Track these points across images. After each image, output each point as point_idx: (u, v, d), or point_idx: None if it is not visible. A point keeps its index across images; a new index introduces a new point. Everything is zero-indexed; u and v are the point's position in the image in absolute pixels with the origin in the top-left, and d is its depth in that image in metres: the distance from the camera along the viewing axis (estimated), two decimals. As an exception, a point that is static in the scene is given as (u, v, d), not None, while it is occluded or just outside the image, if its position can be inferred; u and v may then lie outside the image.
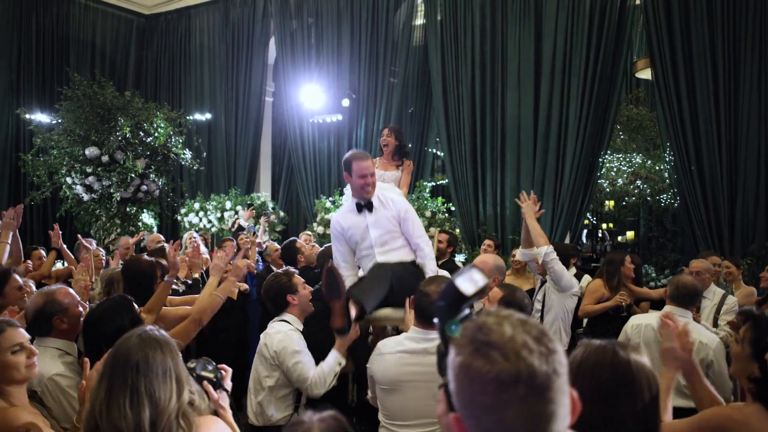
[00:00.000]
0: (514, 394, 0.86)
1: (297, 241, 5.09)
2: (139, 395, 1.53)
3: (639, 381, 1.44)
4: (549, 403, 0.88)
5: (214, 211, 8.80)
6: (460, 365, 0.91)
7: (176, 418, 1.56)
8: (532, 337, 0.90)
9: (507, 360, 0.87)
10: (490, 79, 7.26)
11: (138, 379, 1.54)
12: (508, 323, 0.91)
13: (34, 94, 9.44)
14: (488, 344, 0.89)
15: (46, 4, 9.70)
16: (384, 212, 3.42)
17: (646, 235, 9.84)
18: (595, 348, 1.52)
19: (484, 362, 0.88)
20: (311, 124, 8.93)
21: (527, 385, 0.86)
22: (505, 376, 0.86)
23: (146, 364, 1.56)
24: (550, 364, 0.88)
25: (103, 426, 1.51)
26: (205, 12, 10.37)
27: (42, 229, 9.56)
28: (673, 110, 6.16)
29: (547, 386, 0.87)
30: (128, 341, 1.62)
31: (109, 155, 7.34)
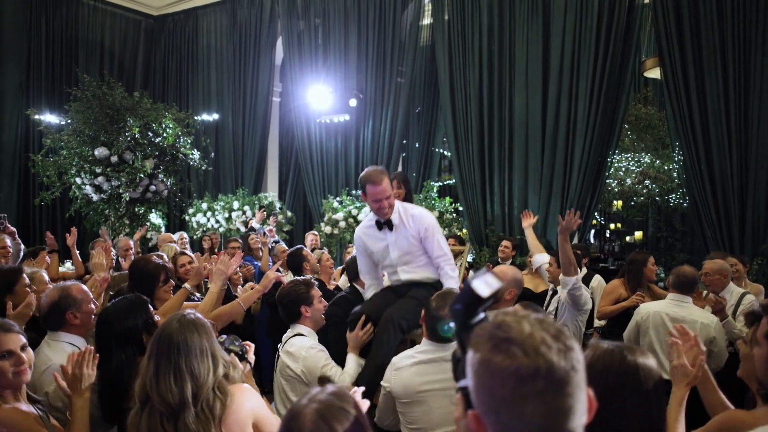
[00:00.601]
0: (533, 389, 0.88)
1: (303, 249, 5.05)
2: (182, 372, 1.81)
3: (646, 384, 1.45)
4: (567, 398, 0.89)
5: (222, 211, 8.83)
6: (480, 361, 0.92)
7: (213, 390, 1.83)
8: (550, 335, 0.91)
9: (526, 355, 0.88)
10: (498, 78, 7.24)
11: (180, 358, 1.82)
12: (527, 321, 0.93)
13: (44, 95, 9.51)
14: (508, 340, 0.91)
15: (55, 6, 9.76)
16: (404, 231, 3.33)
17: (655, 236, 9.79)
18: (604, 351, 1.53)
19: (504, 357, 0.89)
20: (318, 124, 8.94)
21: (546, 380, 0.88)
22: (524, 371, 0.88)
23: (186, 345, 1.84)
24: (568, 360, 0.90)
25: (154, 398, 1.80)
26: (212, 13, 10.41)
27: (51, 229, 9.63)
28: (683, 109, 6.12)
29: (565, 381, 0.89)
30: (170, 326, 1.89)
31: (118, 155, 7.38)
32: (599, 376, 1.47)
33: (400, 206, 3.39)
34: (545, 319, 0.96)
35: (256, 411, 1.94)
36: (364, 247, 3.50)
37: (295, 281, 3.18)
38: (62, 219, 9.34)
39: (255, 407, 1.95)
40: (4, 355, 2.03)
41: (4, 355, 2.03)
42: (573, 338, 0.95)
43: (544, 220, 6.92)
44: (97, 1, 10.26)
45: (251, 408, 1.92)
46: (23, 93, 9.36)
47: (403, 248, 3.35)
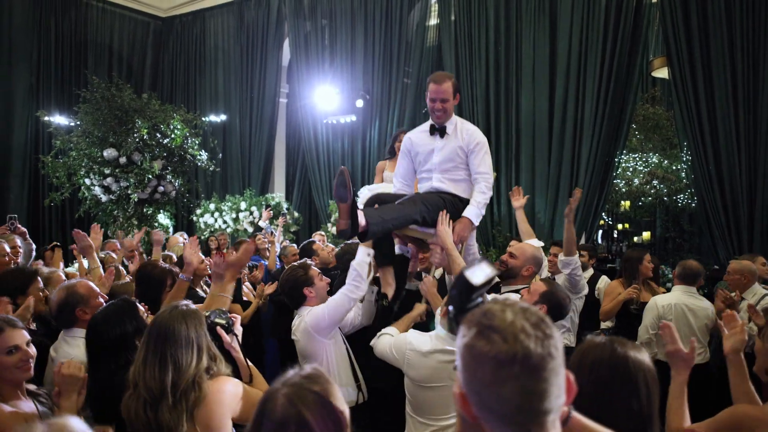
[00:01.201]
0: (510, 372, 0.96)
1: (315, 243, 5.14)
2: (166, 361, 1.86)
3: (636, 377, 1.49)
4: (542, 381, 0.97)
5: (229, 211, 8.87)
6: (465, 345, 1.02)
7: (192, 382, 1.87)
8: (530, 323, 0.99)
9: (505, 342, 0.97)
10: (505, 79, 7.23)
11: (166, 347, 1.88)
12: (510, 310, 1.02)
13: (54, 96, 9.59)
14: (490, 327, 0.99)
15: (64, 9, 9.85)
16: (454, 141, 3.38)
17: (663, 236, 9.74)
18: (595, 345, 1.58)
19: (485, 343, 0.98)
20: (325, 125, 8.97)
21: (522, 365, 0.96)
22: (502, 356, 0.96)
23: (173, 334, 1.90)
24: (545, 347, 0.98)
25: (140, 384, 1.87)
26: (219, 14, 10.46)
27: (60, 229, 9.72)
28: (691, 109, 6.09)
29: (541, 366, 0.96)
30: (162, 315, 1.97)
31: (127, 157, 7.43)
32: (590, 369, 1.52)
33: (458, 120, 3.47)
34: (529, 308, 1.04)
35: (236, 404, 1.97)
36: (410, 148, 3.56)
37: (291, 266, 3.19)
38: (71, 219, 9.42)
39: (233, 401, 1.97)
40: (12, 350, 2.06)
41: (12, 350, 2.06)
42: (553, 327, 1.02)
43: (551, 221, 6.91)
44: (105, 3, 10.35)
45: (229, 403, 1.94)
46: (33, 95, 9.45)
47: (447, 156, 3.39)
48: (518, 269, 3.31)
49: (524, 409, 0.97)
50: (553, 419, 1.00)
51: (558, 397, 0.99)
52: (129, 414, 1.89)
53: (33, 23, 9.44)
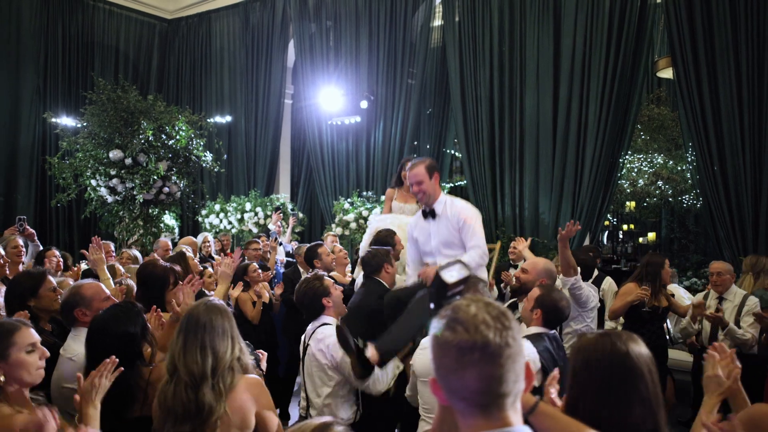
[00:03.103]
0: (471, 358, 1.08)
1: (321, 246, 5.14)
2: (205, 347, 2.06)
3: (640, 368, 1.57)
4: (499, 367, 1.08)
5: (234, 212, 8.91)
6: (434, 336, 1.14)
7: (229, 368, 2.08)
8: (491, 316, 1.11)
9: (467, 332, 1.09)
10: (509, 79, 7.23)
11: (205, 335, 2.08)
12: (475, 305, 1.14)
13: (60, 98, 9.67)
14: (455, 320, 1.12)
15: (71, 11, 9.92)
16: (446, 222, 3.53)
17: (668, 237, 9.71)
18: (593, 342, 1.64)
19: (450, 333, 1.11)
20: (330, 125, 8.99)
21: (481, 351, 1.08)
22: (464, 344, 1.09)
23: (210, 324, 2.10)
24: (503, 337, 1.09)
25: (180, 369, 2.06)
26: (225, 16, 10.51)
27: (67, 230, 9.78)
28: (696, 109, 6.07)
29: (498, 354, 1.08)
30: (197, 309, 2.16)
31: (133, 158, 7.48)
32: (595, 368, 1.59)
33: (447, 199, 3.62)
34: (492, 303, 1.16)
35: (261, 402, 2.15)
36: (412, 233, 3.76)
37: (306, 279, 3.29)
38: (78, 220, 9.48)
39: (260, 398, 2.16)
40: (31, 349, 2.00)
41: (31, 349, 2.00)
42: (513, 320, 1.14)
43: (555, 222, 6.90)
44: (112, 5, 10.41)
45: (256, 396, 2.14)
46: (40, 96, 9.52)
47: (443, 237, 3.55)
48: (531, 283, 3.42)
49: (484, 392, 1.09)
50: (511, 401, 1.12)
51: (515, 382, 1.12)
52: (166, 399, 2.06)
53: (40, 26, 9.51)
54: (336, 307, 3.20)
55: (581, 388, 1.62)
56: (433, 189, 3.56)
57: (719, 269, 4.33)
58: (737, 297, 4.24)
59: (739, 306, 4.16)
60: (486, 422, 1.11)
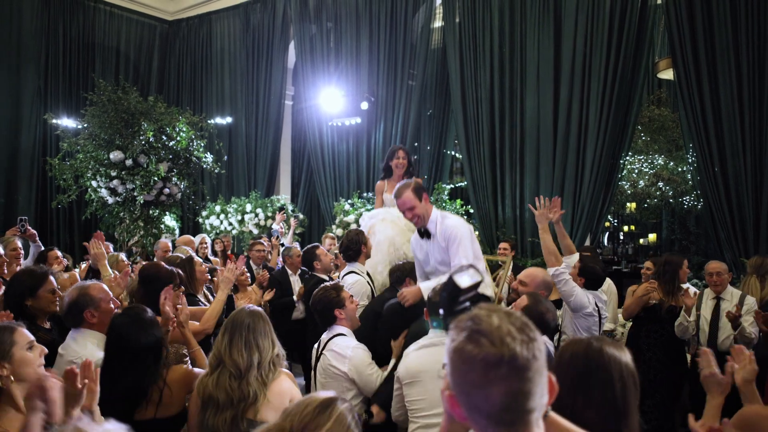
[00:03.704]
0: (498, 374, 1.02)
1: (319, 248, 5.14)
2: (250, 344, 2.37)
3: (610, 370, 1.55)
4: (527, 382, 1.03)
5: (235, 213, 8.91)
6: (455, 349, 1.07)
7: (270, 363, 2.39)
8: (515, 327, 1.06)
9: (493, 345, 1.03)
10: (509, 81, 7.23)
11: (249, 334, 2.38)
12: (496, 315, 1.08)
13: (61, 99, 9.68)
14: (479, 332, 1.05)
15: (72, 12, 9.93)
16: (439, 243, 3.50)
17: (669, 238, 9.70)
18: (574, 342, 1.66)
19: (474, 346, 1.04)
20: (330, 127, 8.99)
21: (509, 366, 1.02)
22: (491, 358, 1.02)
23: (254, 326, 2.41)
24: (530, 350, 1.04)
25: (226, 362, 2.34)
26: (225, 17, 10.52)
27: (68, 231, 9.79)
28: (696, 111, 6.06)
29: (526, 367, 1.03)
30: (240, 313, 2.47)
31: (133, 159, 7.48)
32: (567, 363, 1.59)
33: (439, 217, 3.55)
34: (513, 313, 1.11)
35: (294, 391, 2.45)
36: (414, 253, 3.77)
37: (324, 287, 3.33)
38: (78, 221, 9.49)
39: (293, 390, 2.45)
40: (30, 346, 2.03)
41: (30, 346, 2.03)
42: (537, 331, 1.09)
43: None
44: (113, 6, 10.43)
45: (290, 388, 2.42)
46: (41, 98, 9.53)
47: (438, 257, 3.52)
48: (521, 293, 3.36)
49: (511, 409, 1.03)
50: (536, 417, 1.08)
51: (541, 397, 1.07)
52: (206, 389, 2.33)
53: (41, 27, 9.53)
54: (349, 320, 3.22)
55: None
56: (425, 210, 3.51)
57: (718, 269, 4.33)
58: (734, 297, 4.24)
59: (736, 305, 4.17)
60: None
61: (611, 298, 5.17)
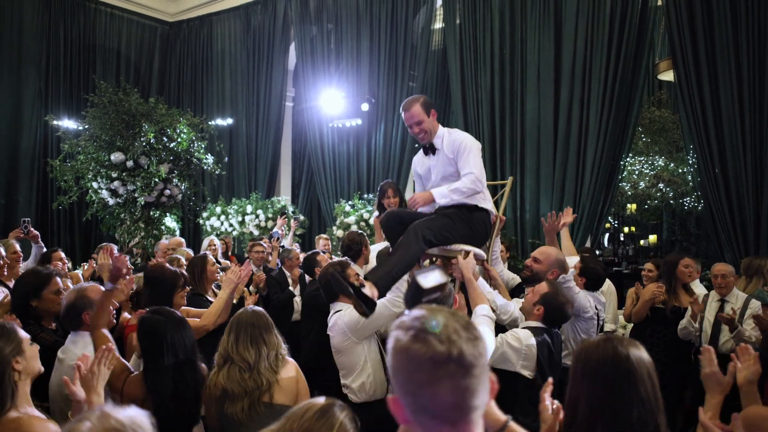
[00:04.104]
0: (446, 371, 1.03)
1: (320, 254, 5.19)
2: (257, 340, 2.62)
3: (640, 372, 1.59)
4: (473, 379, 1.05)
5: (235, 214, 8.91)
6: (401, 349, 1.08)
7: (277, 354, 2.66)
8: (461, 325, 1.08)
9: (441, 343, 1.04)
10: (510, 82, 7.24)
11: (255, 331, 2.63)
12: (441, 314, 1.10)
13: (62, 101, 9.68)
14: (425, 331, 1.06)
15: (73, 14, 9.94)
16: (444, 154, 3.43)
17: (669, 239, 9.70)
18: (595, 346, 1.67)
19: (421, 345, 1.05)
20: (331, 128, 9.00)
21: (457, 363, 1.04)
22: (439, 356, 1.03)
23: (258, 323, 2.66)
24: (476, 347, 1.07)
25: (234, 357, 2.58)
26: (226, 19, 10.53)
27: (68, 232, 9.79)
28: (697, 112, 6.06)
29: (473, 365, 1.05)
30: (244, 313, 2.71)
31: (134, 160, 7.48)
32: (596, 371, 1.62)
33: (445, 131, 3.50)
34: (456, 312, 1.13)
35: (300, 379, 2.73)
36: (415, 171, 3.71)
37: (331, 263, 3.42)
38: (79, 223, 9.49)
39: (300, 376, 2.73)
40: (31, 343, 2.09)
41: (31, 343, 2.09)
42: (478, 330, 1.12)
43: (556, 224, 6.88)
44: (114, 8, 10.43)
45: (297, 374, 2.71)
46: (42, 99, 9.53)
47: (441, 171, 3.45)
48: (543, 273, 3.34)
49: (457, 406, 1.05)
50: (478, 415, 1.09)
51: (485, 394, 1.08)
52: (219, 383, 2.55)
53: (42, 28, 9.54)
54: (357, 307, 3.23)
55: (581, 390, 1.65)
56: (432, 126, 3.45)
57: (723, 271, 4.30)
58: (739, 300, 4.22)
59: (741, 309, 4.15)
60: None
61: (610, 298, 5.18)
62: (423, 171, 3.58)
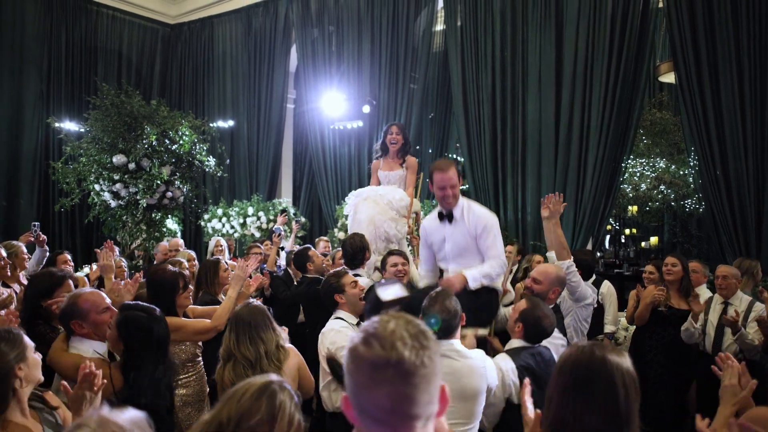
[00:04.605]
0: (384, 376, 1.04)
1: (310, 249, 5.18)
2: (255, 338, 2.71)
3: (613, 377, 1.54)
4: (412, 387, 1.05)
5: (237, 216, 8.92)
6: (349, 350, 1.12)
7: (277, 348, 2.77)
8: (409, 334, 1.09)
9: (383, 348, 1.06)
10: (511, 84, 7.24)
11: (252, 329, 2.72)
12: (395, 321, 1.11)
13: (64, 103, 9.70)
14: (373, 335, 1.09)
15: (75, 16, 9.96)
16: (462, 226, 3.42)
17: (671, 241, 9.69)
18: (577, 348, 1.66)
19: (365, 348, 1.08)
20: (332, 130, 9.01)
21: (395, 369, 1.05)
22: (378, 360, 1.05)
23: (255, 321, 2.74)
24: (419, 356, 1.06)
25: (237, 355, 2.69)
26: (227, 21, 10.55)
27: (70, 234, 9.80)
28: (698, 114, 6.07)
29: (412, 372, 1.05)
30: (242, 310, 2.81)
31: (136, 163, 7.49)
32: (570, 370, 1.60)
33: (465, 203, 3.49)
34: (413, 321, 1.14)
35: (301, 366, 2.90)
36: (425, 236, 3.67)
37: (329, 274, 3.52)
38: (81, 225, 9.50)
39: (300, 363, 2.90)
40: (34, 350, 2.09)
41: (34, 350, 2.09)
42: (433, 340, 1.12)
43: (557, 226, 6.88)
44: (115, 11, 10.45)
45: (297, 363, 2.87)
46: (43, 101, 9.55)
47: (458, 243, 3.43)
48: (545, 293, 3.33)
49: (395, 412, 1.05)
50: (422, 424, 1.08)
51: (428, 404, 1.08)
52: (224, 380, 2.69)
53: (44, 31, 9.55)
54: (350, 305, 3.26)
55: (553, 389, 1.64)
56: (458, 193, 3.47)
57: (724, 273, 4.28)
58: (743, 303, 4.18)
59: (745, 312, 4.10)
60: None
61: (611, 300, 5.18)
62: (437, 239, 3.55)
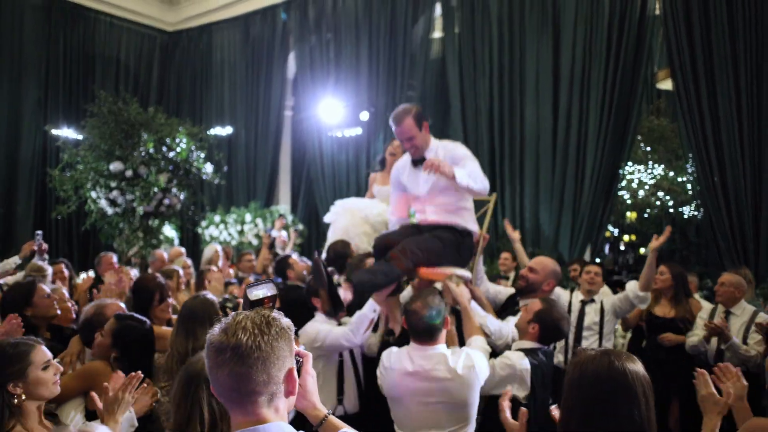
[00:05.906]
0: (223, 358, 1.23)
1: (290, 257, 5.22)
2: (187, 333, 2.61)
3: (635, 388, 1.56)
4: (247, 367, 1.22)
5: (234, 224, 8.90)
6: (207, 339, 1.29)
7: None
8: (253, 323, 1.26)
9: (225, 334, 1.25)
10: (509, 91, 7.25)
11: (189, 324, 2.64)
12: (246, 314, 1.29)
13: (61, 110, 9.67)
14: (224, 326, 1.28)
15: (73, 23, 9.96)
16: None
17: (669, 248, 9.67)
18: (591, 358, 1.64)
19: (213, 335, 1.27)
20: (330, 137, 9.01)
21: (232, 351, 1.22)
22: (219, 344, 1.25)
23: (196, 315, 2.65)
24: (255, 341, 1.23)
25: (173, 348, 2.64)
26: (225, 28, 10.56)
27: (67, 242, 9.76)
28: (695, 120, 6.07)
29: (247, 354, 1.22)
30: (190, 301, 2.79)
31: (133, 170, 7.48)
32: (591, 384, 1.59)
33: (439, 144, 3.35)
34: (265, 313, 1.29)
35: None
36: (398, 180, 3.51)
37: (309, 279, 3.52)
38: (78, 232, 9.46)
39: None
40: (47, 366, 2.07)
41: (47, 366, 2.07)
42: (277, 330, 1.27)
43: (555, 233, 6.88)
44: (113, 17, 10.46)
45: None
46: (41, 108, 9.53)
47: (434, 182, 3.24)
48: (539, 284, 3.31)
49: (235, 389, 1.24)
50: (266, 400, 1.25)
51: (267, 384, 1.24)
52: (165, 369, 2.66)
53: (42, 37, 9.54)
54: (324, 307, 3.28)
55: (574, 402, 1.62)
56: (424, 141, 3.28)
57: (723, 280, 4.19)
58: (745, 313, 4.07)
59: (747, 322, 4.00)
60: (244, 419, 1.25)
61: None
62: (409, 181, 3.40)
